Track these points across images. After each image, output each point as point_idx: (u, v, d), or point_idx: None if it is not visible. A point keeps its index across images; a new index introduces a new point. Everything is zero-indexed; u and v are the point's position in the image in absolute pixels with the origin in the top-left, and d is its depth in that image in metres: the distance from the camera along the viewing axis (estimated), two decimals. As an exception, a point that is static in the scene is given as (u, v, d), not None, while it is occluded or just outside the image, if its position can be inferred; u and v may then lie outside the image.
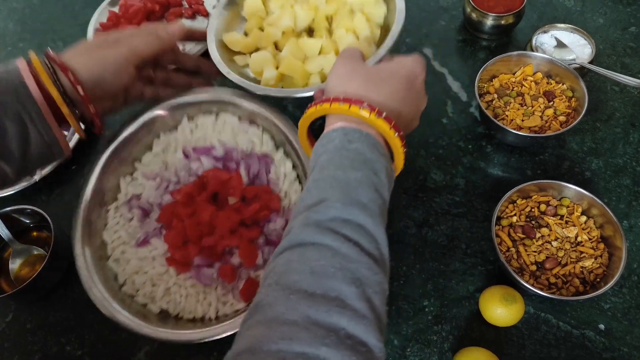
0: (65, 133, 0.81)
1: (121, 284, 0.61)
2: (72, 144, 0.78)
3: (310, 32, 0.75)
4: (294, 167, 0.65)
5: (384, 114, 0.45)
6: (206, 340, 0.54)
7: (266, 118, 0.66)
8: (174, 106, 0.68)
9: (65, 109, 0.53)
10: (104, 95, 0.57)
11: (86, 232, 0.61)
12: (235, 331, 0.50)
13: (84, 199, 0.63)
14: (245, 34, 0.77)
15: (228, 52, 0.74)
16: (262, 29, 0.75)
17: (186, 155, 0.68)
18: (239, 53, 0.75)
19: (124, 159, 0.68)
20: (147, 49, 0.58)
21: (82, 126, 0.58)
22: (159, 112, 0.68)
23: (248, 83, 0.67)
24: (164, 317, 0.59)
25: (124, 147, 0.67)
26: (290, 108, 0.80)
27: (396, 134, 0.45)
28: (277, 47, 0.74)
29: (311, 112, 0.48)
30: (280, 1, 0.74)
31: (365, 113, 0.45)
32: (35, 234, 0.72)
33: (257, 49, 0.74)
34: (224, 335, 0.53)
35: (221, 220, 0.61)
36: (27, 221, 0.71)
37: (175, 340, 0.54)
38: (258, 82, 0.70)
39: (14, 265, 0.68)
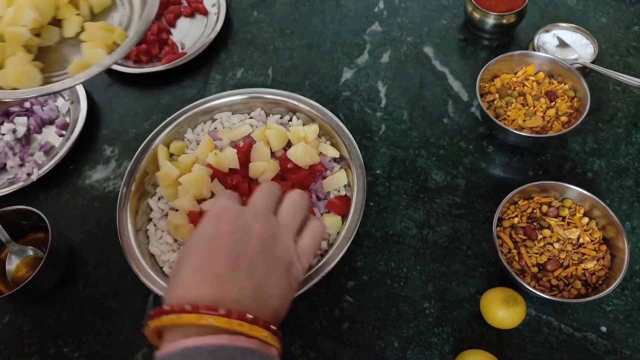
0: (64, 132, 0.81)
1: None
2: (69, 143, 0.78)
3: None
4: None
5: (220, 311, 0.35)
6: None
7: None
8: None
9: None
10: None
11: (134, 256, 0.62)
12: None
13: (127, 236, 0.64)
14: None
15: None
16: None
17: None
18: None
19: (145, 186, 0.70)
20: None
21: None
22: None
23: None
24: None
25: (141, 179, 0.69)
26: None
27: (248, 325, 0.35)
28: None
29: (152, 329, 0.37)
30: None
31: (189, 319, 0.34)
32: (32, 234, 0.71)
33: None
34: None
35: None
36: (24, 222, 0.71)
37: None
38: None
39: (11, 266, 0.68)
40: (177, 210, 0.66)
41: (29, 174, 0.76)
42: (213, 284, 0.37)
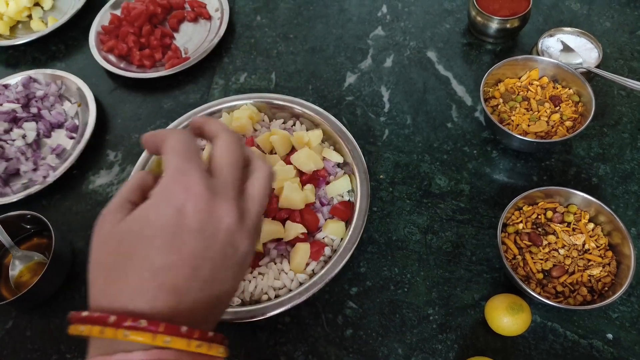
0: (74, 135, 0.81)
1: None
2: (81, 145, 0.78)
3: None
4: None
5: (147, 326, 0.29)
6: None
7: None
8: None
9: None
10: None
11: None
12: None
13: None
14: None
15: None
16: None
17: None
18: None
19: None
20: None
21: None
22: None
23: None
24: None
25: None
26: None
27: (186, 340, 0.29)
28: None
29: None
30: None
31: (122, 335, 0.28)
32: (36, 240, 0.71)
33: None
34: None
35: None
36: (28, 227, 0.71)
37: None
38: None
39: (14, 271, 0.68)
40: None
41: (44, 177, 0.76)
42: (171, 298, 0.30)
